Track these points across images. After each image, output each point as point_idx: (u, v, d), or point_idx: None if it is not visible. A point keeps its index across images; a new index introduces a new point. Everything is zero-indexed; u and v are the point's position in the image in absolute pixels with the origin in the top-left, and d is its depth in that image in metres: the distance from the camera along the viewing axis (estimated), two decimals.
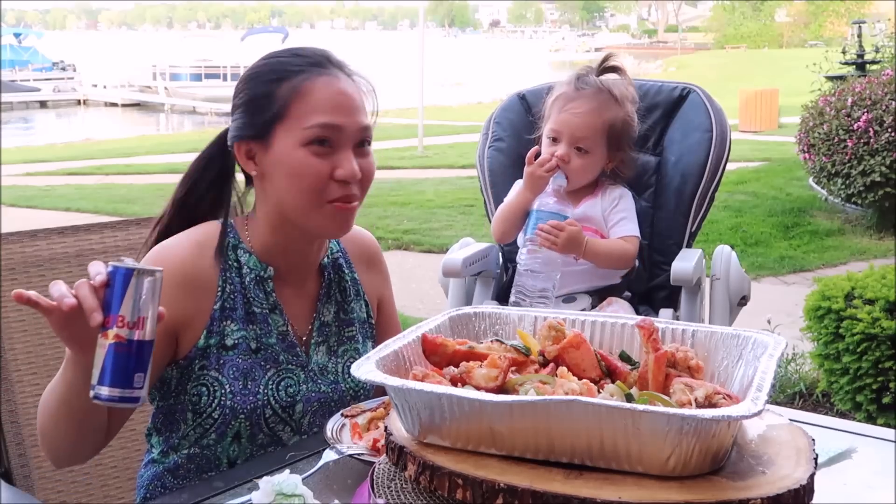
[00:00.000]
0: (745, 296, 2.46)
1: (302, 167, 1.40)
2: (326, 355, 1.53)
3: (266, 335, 1.46)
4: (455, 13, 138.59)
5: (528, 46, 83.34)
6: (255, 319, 1.46)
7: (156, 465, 1.48)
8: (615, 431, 0.90)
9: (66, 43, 60.13)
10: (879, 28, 14.13)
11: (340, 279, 1.59)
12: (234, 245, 1.48)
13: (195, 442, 1.44)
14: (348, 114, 1.42)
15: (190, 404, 1.42)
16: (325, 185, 1.41)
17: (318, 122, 1.39)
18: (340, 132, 1.40)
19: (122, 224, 1.86)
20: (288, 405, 1.45)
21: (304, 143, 1.39)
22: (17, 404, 1.66)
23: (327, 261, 1.58)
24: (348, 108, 1.42)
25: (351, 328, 1.57)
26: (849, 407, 3.30)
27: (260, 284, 1.47)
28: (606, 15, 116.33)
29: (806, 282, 5.80)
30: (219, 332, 1.43)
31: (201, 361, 1.41)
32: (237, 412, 1.41)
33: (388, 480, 1.02)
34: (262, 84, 1.44)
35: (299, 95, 1.41)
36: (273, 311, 1.48)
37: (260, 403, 1.42)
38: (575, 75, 2.32)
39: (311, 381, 1.49)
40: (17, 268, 1.70)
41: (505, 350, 1.09)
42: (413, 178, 10.55)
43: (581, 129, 2.23)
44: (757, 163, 10.76)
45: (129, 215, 7.23)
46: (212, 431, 1.42)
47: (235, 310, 1.44)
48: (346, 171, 1.40)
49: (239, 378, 1.41)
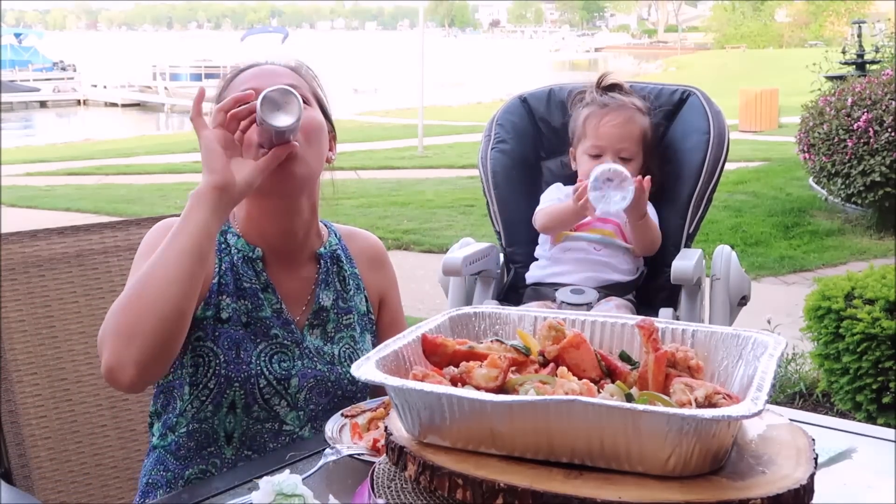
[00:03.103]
0: (745, 296, 2.46)
1: None
2: (322, 339, 1.54)
3: (257, 309, 1.49)
4: (455, 13, 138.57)
5: (528, 46, 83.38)
6: (245, 294, 1.49)
7: (156, 451, 1.50)
8: (615, 431, 0.90)
9: (66, 43, 60.16)
10: (879, 28, 14.12)
11: (340, 269, 1.61)
12: (223, 230, 1.53)
13: (193, 417, 1.46)
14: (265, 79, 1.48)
15: (187, 377, 1.45)
16: None
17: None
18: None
19: (122, 224, 1.86)
20: (283, 378, 1.47)
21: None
22: (17, 404, 1.66)
23: (324, 250, 1.60)
24: (268, 74, 1.52)
25: (349, 316, 1.59)
26: (849, 407, 3.30)
27: (249, 264, 1.51)
28: (606, 15, 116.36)
29: (806, 282, 5.80)
30: (215, 305, 1.46)
31: (197, 332, 1.44)
32: (231, 380, 1.44)
33: (388, 480, 1.02)
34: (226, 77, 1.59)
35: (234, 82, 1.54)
36: (265, 289, 1.51)
37: (253, 373, 1.45)
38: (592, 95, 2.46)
39: (307, 359, 1.50)
40: (17, 268, 1.70)
41: (505, 350, 1.08)
42: (413, 178, 10.55)
43: (622, 139, 2.36)
44: (757, 163, 10.77)
45: (129, 215, 7.23)
46: (208, 403, 1.44)
47: (228, 285, 1.49)
48: None
49: (232, 348, 1.45)
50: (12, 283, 1.68)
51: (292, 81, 1.50)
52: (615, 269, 2.37)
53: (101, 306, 1.75)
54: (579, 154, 2.42)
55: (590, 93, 2.44)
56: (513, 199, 2.58)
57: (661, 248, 2.43)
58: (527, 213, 2.51)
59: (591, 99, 2.42)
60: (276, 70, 1.55)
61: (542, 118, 2.64)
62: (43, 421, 1.69)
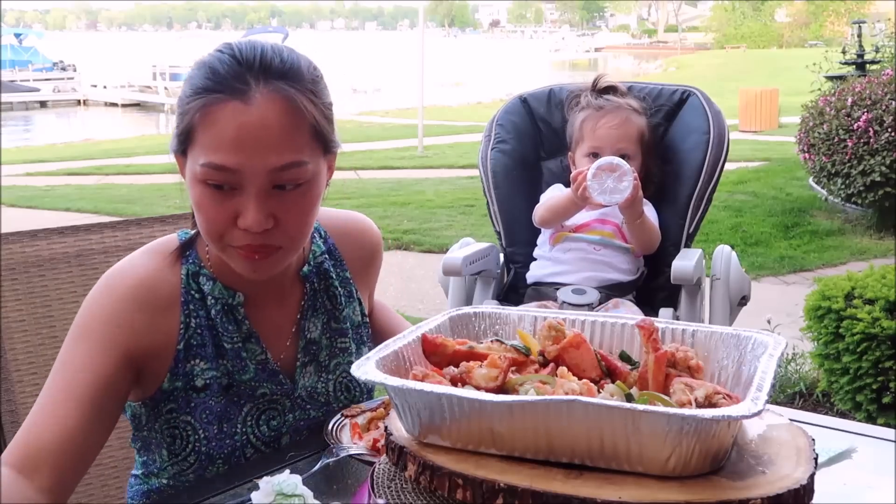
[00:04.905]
0: (745, 296, 2.46)
1: (200, 206, 1.20)
2: (315, 375, 1.38)
3: (239, 371, 1.30)
4: (455, 13, 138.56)
5: (528, 46, 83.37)
6: (225, 355, 1.30)
7: (140, 483, 1.38)
8: (615, 431, 0.90)
9: (66, 43, 60.14)
10: (879, 28, 14.10)
11: (328, 286, 1.41)
12: (194, 272, 1.30)
13: (174, 476, 1.32)
14: (251, 154, 1.15)
15: (164, 443, 1.30)
16: (225, 229, 1.20)
17: (211, 161, 1.16)
18: (238, 175, 1.17)
19: (122, 224, 1.85)
20: (272, 440, 1.32)
21: (200, 180, 1.19)
22: (17, 404, 1.66)
23: (308, 269, 1.39)
24: (251, 146, 1.15)
25: (343, 339, 1.41)
26: (849, 407, 3.30)
27: (229, 314, 1.30)
28: (606, 15, 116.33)
29: (806, 282, 5.79)
30: (186, 374, 1.28)
31: (168, 404, 1.28)
32: (213, 458, 1.29)
33: (388, 480, 1.02)
34: (186, 92, 1.21)
35: (203, 123, 1.17)
36: (248, 340, 1.31)
37: (238, 445, 1.29)
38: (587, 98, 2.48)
39: (299, 409, 1.35)
40: (17, 268, 1.70)
41: (505, 350, 1.08)
42: (413, 178, 10.55)
43: (620, 139, 2.38)
44: (757, 163, 10.76)
45: (129, 215, 7.24)
46: (189, 472, 1.31)
47: (204, 346, 1.28)
48: (246, 221, 1.18)
49: (213, 422, 1.28)
50: (12, 283, 1.68)
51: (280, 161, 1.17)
52: (615, 269, 2.38)
53: None
54: (578, 157, 2.43)
55: (585, 96, 2.46)
56: (513, 199, 2.58)
57: (661, 248, 2.43)
58: (527, 214, 2.51)
59: (587, 102, 2.44)
60: (265, 141, 1.15)
61: (542, 118, 2.65)
62: None
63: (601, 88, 2.47)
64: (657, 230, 2.40)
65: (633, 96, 2.48)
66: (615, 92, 2.46)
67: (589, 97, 2.45)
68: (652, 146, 2.46)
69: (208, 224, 1.21)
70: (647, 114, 2.46)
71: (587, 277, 2.36)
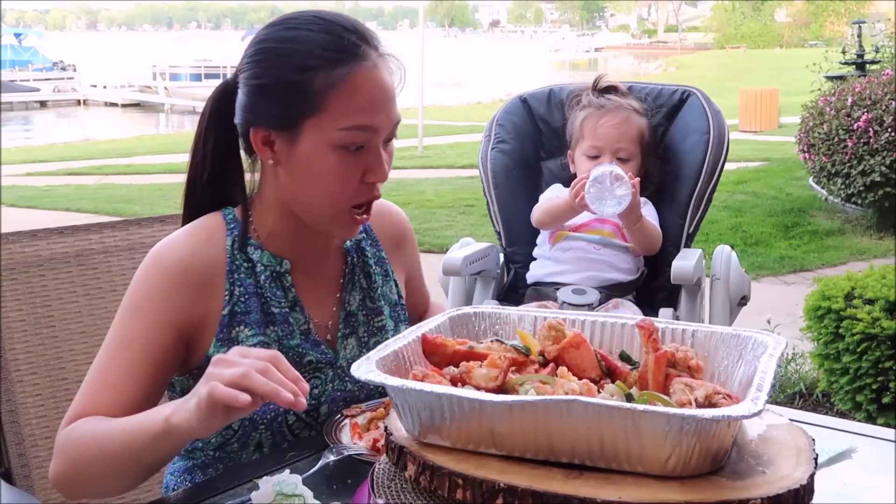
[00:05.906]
0: (745, 296, 2.46)
1: (331, 171, 1.27)
2: (357, 348, 1.42)
3: (287, 336, 1.35)
4: (455, 13, 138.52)
5: (528, 46, 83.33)
6: (274, 321, 1.35)
7: (184, 460, 1.41)
8: (615, 431, 0.90)
9: (66, 43, 60.14)
10: (879, 28, 14.10)
11: (364, 264, 1.47)
12: (240, 243, 1.36)
13: (218, 448, 1.36)
14: (386, 111, 1.29)
15: None
16: (353, 189, 1.30)
17: (357, 123, 1.26)
18: (376, 133, 1.28)
19: (122, 224, 1.85)
20: (312, 408, 1.36)
21: (338, 144, 1.26)
22: (17, 404, 1.66)
23: (350, 243, 1.46)
24: (384, 104, 1.29)
25: (380, 318, 1.45)
26: (849, 407, 3.30)
27: (277, 281, 1.36)
28: (606, 15, 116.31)
29: (806, 282, 5.79)
30: (231, 339, 1.32)
31: None
32: (256, 423, 1.32)
33: (388, 480, 1.02)
34: (292, 69, 1.26)
35: (337, 92, 1.25)
36: (293, 308, 1.37)
37: (281, 410, 1.33)
38: (588, 97, 2.47)
39: (339, 380, 1.39)
40: (17, 268, 1.70)
41: (505, 350, 1.08)
42: (413, 178, 10.54)
43: (620, 139, 2.38)
44: (757, 163, 10.76)
45: (129, 215, 7.23)
46: (233, 441, 1.34)
47: (249, 313, 1.33)
48: (377, 175, 1.30)
49: None
50: (12, 283, 1.68)
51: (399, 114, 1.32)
52: (616, 269, 2.39)
53: (101, 306, 1.75)
54: (577, 156, 2.44)
55: (586, 95, 2.47)
56: (513, 199, 2.59)
57: (661, 248, 2.43)
58: (527, 214, 2.51)
59: (588, 101, 2.45)
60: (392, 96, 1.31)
61: (542, 118, 2.65)
62: (43, 421, 1.69)
63: (602, 88, 2.47)
64: (658, 231, 2.39)
65: (634, 97, 2.48)
66: (616, 92, 2.46)
67: (590, 96, 2.46)
68: (652, 147, 2.46)
69: (343, 186, 1.29)
70: (647, 115, 2.46)
71: (587, 277, 2.36)
